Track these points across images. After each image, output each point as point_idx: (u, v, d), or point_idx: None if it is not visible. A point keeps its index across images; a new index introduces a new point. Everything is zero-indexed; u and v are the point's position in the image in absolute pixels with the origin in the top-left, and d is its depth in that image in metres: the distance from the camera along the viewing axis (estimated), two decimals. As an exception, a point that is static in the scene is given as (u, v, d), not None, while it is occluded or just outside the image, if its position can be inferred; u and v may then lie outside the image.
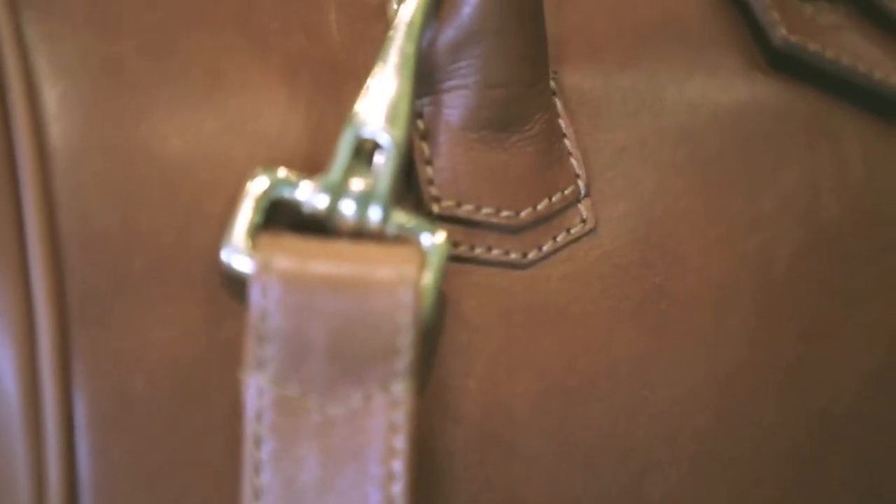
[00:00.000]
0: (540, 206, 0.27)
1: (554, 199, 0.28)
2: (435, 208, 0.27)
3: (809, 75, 0.30)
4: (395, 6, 0.27)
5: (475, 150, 0.27)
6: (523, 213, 0.27)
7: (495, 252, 0.27)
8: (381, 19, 0.27)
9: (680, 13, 0.30)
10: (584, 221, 0.28)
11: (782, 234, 0.29)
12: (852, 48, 0.30)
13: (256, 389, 0.24)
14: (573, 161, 0.28)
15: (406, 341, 0.24)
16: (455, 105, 0.27)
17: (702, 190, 0.29)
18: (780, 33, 0.30)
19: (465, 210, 0.27)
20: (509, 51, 0.26)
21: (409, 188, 0.27)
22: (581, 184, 0.28)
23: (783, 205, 0.29)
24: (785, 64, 0.30)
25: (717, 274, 0.28)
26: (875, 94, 0.30)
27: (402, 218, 0.25)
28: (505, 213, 0.27)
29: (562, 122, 0.28)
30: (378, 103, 0.25)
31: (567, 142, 0.28)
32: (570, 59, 0.29)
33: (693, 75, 0.29)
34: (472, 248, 0.27)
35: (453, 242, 0.27)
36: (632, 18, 0.30)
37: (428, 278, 0.25)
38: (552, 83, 0.28)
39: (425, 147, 0.27)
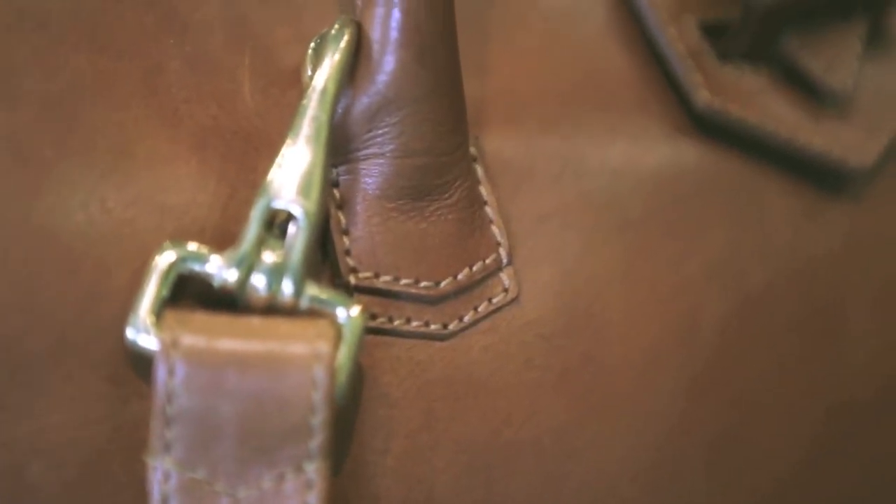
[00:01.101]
0: (460, 276, 0.27)
1: (475, 268, 0.27)
2: (352, 280, 0.26)
3: (733, 139, 0.30)
4: (308, 72, 0.26)
5: (393, 219, 0.26)
6: (443, 284, 0.27)
7: (415, 324, 0.26)
8: (297, 85, 0.27)
9: (603, 76, 0.30)
10: (506, 290, 0.27)
11: (707, 301, 0.29)
12: (775, 112, 0.30)
13: (162, 473, 0.23)
14: (494, 229, 0.27)
15: (320, 420, 0.23)
16: (372, 174, 0.26)
17: (626, 256, 0.28)
18: (703, 97, 0.29)
19: (384, 281, 0.26)
20: (426, 118, 0.26)
21: (325, 259, 0.26)
22: (503, 252, 0.27)
23: (708, 271, 0.29)
24: (709, 127, 0.30)
25: (643, 341, 0.28)
26: (799, 158, 0.30)
27: (315, 291, 0.24)
28: (424, 284, 0.26)
29: (483, 190, 0.28)
30: (291, 173, 0.25)
31: (488, 209, 0.27)
32: (492, 123, 0.28)
33: (616, 139, 0.29)
34: (391, 320, 0.26)
35: (371, 315, 0.26)
36: (555, 82, 0.29)
37: (343, 353, 0.24)
38: (473, 149, 0.28)
39: (342, 217, 0.26)
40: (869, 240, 0.30)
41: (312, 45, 0.26)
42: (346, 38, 0.25)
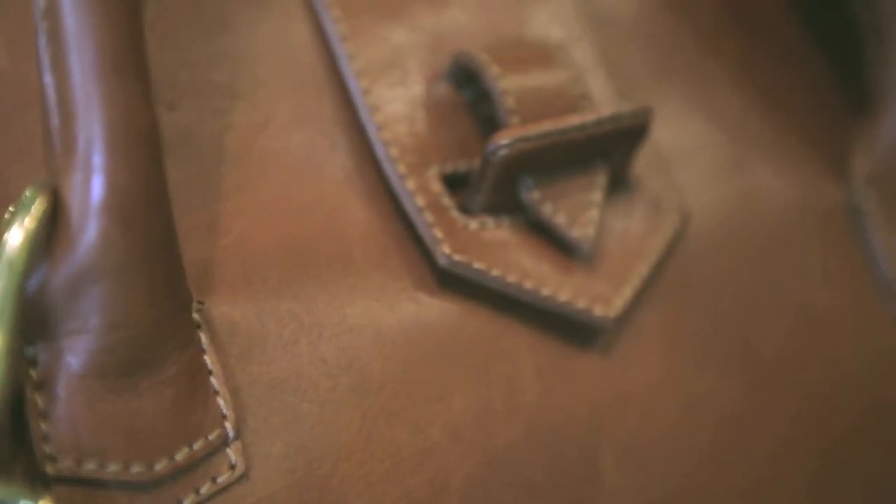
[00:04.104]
0: (179, 456, 0.25)
1: (196, 445, 0.25)
2: (49, 469, 0.23)
3: (480, 293, 0.29)
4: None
5: (100, 398, 0.24)
6: (158, 466, 0.24)
7: (125, 512, 0.24)
8: (-4, 255, 0.24)
9: (343, 231, 0.28)
10: (232, 468, 0.25)
11: (454, 465, 0.27)
12: (519, 264, 0.29)
13: None
14: (220, 401, 0.25)
15: None
16: (75, 351, 0.24)
17: (366, 423, 0.27)
18: (444, 252, 0.28)
19: (87, 469, 0.24)
20: (134, 289, 0.24)
21: (21, 449, 0.24)
22: (229, 426, 0.25)
23: (453, 433, 0.27)
24: (454, 283, 0.28)
25: (385, 515, 0.26)
26: (546, 311, 0.29)
27: (-4, 489, 0.22)
28: (136, 469, 0.24)
29: (207, 359, 0.26)
30: (-31, 358, 0.22)
31: (213, 379, 0.26)
32: (221, 286, 0.27)
33: (355, 299, 0.28)
34: (97, 511, 0.24)
35: (74, 507, 0.24)
36: (290, 238, 0.28)
37: (27, 560, 0.22)
38: (196, 315, 0.26)
39: (39, 399, 0.24)
40: (617, 391, 0.29)
41: (9, 211, 0.24)
42: (37, 204, 0.23)
